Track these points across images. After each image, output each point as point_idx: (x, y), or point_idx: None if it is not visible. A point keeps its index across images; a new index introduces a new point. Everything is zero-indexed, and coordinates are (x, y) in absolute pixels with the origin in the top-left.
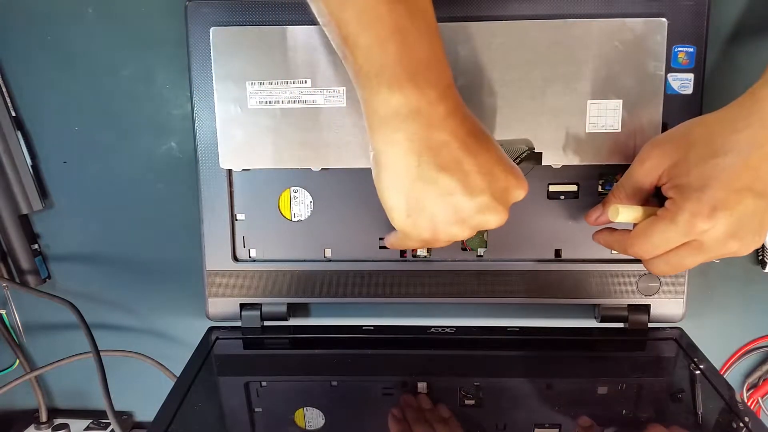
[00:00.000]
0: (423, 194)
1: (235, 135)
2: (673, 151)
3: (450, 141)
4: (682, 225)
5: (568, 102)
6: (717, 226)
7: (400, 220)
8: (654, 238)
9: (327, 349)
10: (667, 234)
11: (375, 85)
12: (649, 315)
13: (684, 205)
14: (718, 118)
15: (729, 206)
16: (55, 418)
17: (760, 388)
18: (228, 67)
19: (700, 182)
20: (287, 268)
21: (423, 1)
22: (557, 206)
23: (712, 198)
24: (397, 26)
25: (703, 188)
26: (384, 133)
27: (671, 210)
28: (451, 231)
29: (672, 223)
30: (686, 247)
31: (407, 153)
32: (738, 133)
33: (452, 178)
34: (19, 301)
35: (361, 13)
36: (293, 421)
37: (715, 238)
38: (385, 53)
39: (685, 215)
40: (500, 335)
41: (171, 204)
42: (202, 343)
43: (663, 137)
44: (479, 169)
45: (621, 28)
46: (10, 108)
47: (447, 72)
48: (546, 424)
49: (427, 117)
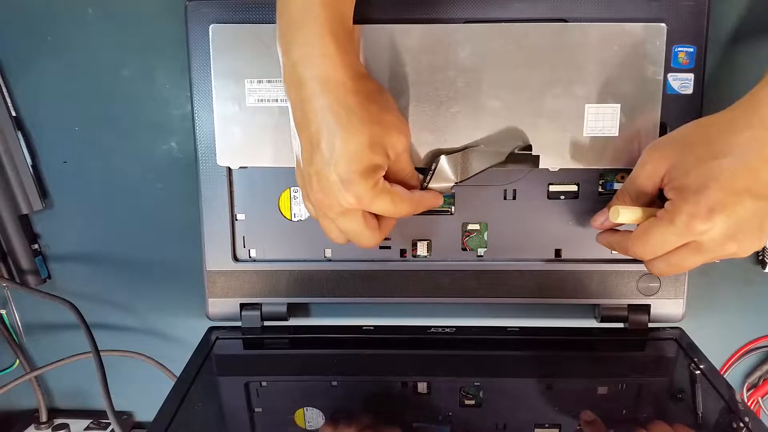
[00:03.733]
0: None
1: (233, 132)
2: (672, 153)
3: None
4: (680, 226)
5: (567, 105)
6: (715, 228)
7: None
8: (653, 239)
9: (327, 349)
10: (665, 235)
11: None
12: (649, 315)
13: (682, 207)
14: (718, 119)
15: (727, 208)
16: (55, 418)
17: (760, 388)
18: (227, 64)
19: (699, 183)
20: (287, 268)
21: None
22: (557, 206)
23: (710, 199)
24: None
25: (702, 189)
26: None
27: (670, 211)
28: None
29: (670, 224)
30: (685, 248)
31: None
32: (738, 134)
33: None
34: (19, 301)
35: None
36: (293, 421)
37: (714, 239)
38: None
39: (683, 217)
40: (500, 335)
41: (171, 204)
42: (202, 343)
43: (663, 140)
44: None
45: (620, 32)
46: (10, 108)
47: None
48: (546, 424)
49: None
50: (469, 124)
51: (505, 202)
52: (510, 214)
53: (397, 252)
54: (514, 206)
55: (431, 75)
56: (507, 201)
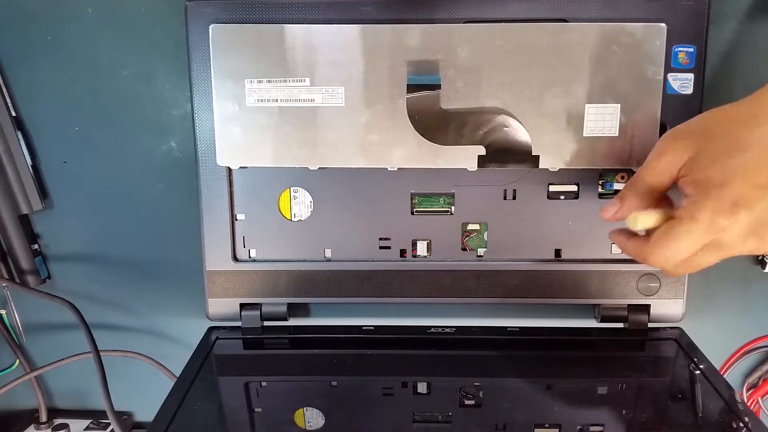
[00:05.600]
0: None
1: (233, 132)
2: (692, 144)
3: None
4: (703, 223)
5: (567, 105)
6: (738, 224)
7: None
8: (677, 242)
9: (327, 349)
10: (690, 234)
11: None
12: (649, 315)
13: (704, 202)
14: (739, 111)
15: (751, 203)
16: (55, 418)
17: (760, 388)
18: (227, 64)
19: (721, 178)
20: (287, 268)
21: None
22: (557, 206)
23: (732, 194)
24: None
25: (724, 184)
26: None
27: (689, 209)
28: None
29: (693, 221)
30: (705, 246)
31: None
32: (759, 127)
33: None
34: (19, 301)
35: None
36: (293, 421)
37: (736, 235)
38: None
39: (706, 212)
40: (500, 335)
41: (171, 204)
42: (202, 343)
43: (681, 129)
44: None
45: (620, 32)
46: (10, 108)
47: None
48: (546, 424)
49: None
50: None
51: (505, 202)
52: (510, 214)
53: (397, 252)
54: (514, 206)
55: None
56: (507, 201)
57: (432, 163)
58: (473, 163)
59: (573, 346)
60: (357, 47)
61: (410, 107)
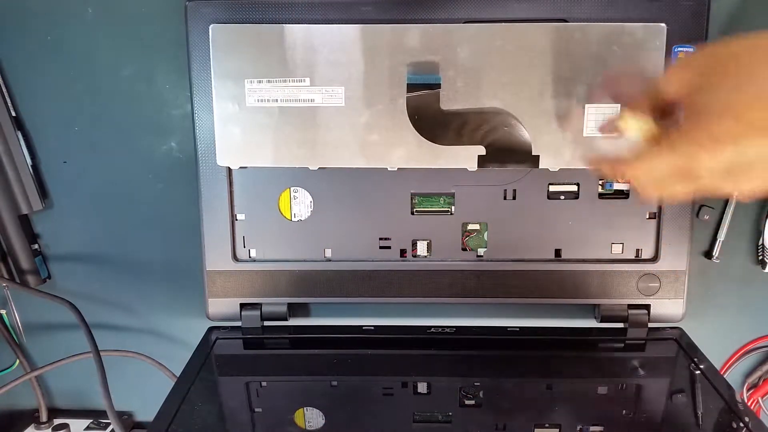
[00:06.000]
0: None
1: (233, 132)
2: (700, 68)
3: None
4: (685, 148)
5: (566, 105)
6: (716, 160)
7: None
8: (659, 159)
9: (327, 349)
10: (670, 157)
11: None
12: (649, 315)
13: (693, 131)
14: (755, 43)
15: (736, 141)
16: (55, 418)
17: (760, 388)
18: (227, 64)
19: (716, 108)
20: (287, 268)
21: None
22: (557, 206)
23: (721, 128)
24: None
25: (717, 115)
26: None
27: (678, 131)
28: None
29: (677, 143)
30: (681, 172)
31: None
32: (765, 65)
33: None
34: (19, 301)
35: None
36: (293, 421)
37: (712, 171)
38: None
39: (691, 139)
40: (500, 335)
41: (171, 204)
42: (202, 343)
43: (698, 52)
44: None
45: (620, 32)
46: (10, 108)
47: None
48: (546, 424)
49: None
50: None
51: (505, 202)
52: (510, 214)
53: (397, 252)
54: (514, 206)
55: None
56: (507, 201)
57: (432, 163)
58: (473, 163)
59: (573, 346)
60: (357, 47)
61: (410, 107)
